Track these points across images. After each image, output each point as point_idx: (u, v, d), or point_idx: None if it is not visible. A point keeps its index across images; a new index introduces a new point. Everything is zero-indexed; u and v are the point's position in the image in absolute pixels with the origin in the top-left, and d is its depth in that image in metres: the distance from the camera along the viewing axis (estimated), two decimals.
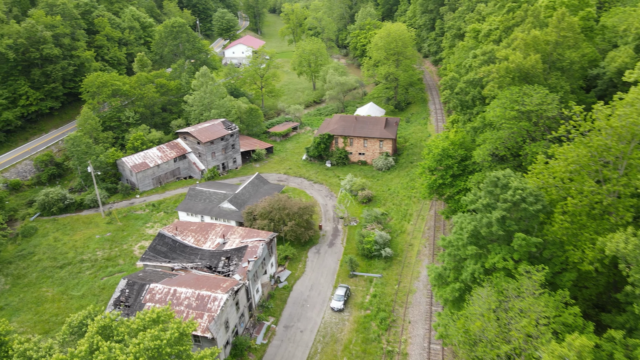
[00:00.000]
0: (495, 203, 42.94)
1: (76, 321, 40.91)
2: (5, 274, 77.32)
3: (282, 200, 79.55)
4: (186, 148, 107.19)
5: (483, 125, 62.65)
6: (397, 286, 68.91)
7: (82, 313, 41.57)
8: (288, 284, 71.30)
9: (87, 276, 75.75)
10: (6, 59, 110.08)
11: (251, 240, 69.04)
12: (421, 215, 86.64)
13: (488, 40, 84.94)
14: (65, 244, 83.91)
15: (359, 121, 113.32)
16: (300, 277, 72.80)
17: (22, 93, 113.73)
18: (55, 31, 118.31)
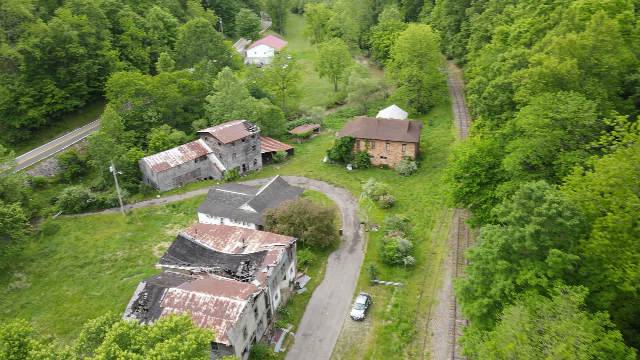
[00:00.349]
0: (528, 216, 40.80)
1: (94, 327, 40.30)
2: (27, 271, 77.89)
3: (303, 204, 78.30)
4: (207, 149, 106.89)
5: (513, 132, 60.25)
6: (420, 296, 66.96)
7: (100, 319, 40.95)
8: (307, 290, 70.00)
9: (107, 276, 75.74)
10: (33, 57, 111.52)
11: (271, 245, 67.93)
12: (444, 222, 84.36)
13: (518, 44, 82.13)
14: (86, 242, 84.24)
15: (381, 124, 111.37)
16: (320, 284, 71.41)
17: (48, 91, 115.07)
18: (81, 30, 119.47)
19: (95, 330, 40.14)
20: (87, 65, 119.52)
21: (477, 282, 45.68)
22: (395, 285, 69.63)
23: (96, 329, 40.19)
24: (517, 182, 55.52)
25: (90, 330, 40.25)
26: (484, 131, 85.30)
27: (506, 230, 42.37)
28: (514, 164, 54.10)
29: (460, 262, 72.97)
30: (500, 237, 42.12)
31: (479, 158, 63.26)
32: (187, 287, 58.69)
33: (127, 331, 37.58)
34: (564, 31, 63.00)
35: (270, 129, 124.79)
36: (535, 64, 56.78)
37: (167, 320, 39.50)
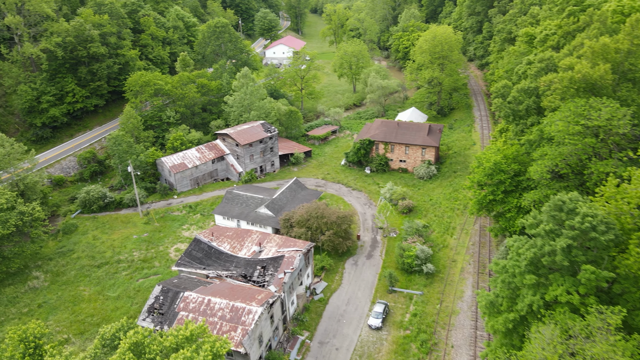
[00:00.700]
0: (559, 229, 38.86)
1: (109, 333, 39.65)
2: (45, 270, 78.19)
3: (321, 209, 77.08)
4: (224, 150, 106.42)
5: (540, 139, 58.05)
6: (439, 306, 65.14)
7: (114, 325, 40.29)
8: (324, 296, 68.74)
9: (123, 277, 75.55)
10: (55, 56, 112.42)
11: (288, 249, 66.84)
12: (465, 229, 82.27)
13: (545, 46, 79.61)
14: (103, 242, 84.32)
15: (400, 127, 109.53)
16: (337, 290, 70.08)
17: (69, 90, 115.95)
18: (102, 30, 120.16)
19: (109, 337, 39.49)
20: (107, 64, 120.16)
21: (502, 295, 43.84)
22: (414, 293, 67.92)
23: (111, 336, 39.54)
24: (544, 190, 53.41)
25: (105, 336, 39.62)
26: (508, 136, 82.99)
27: (535, 243, 40.48)
28: (542, 172, 52.00)
29: (481, 272, 70.93)
30: (529, 250, 40.25)
31: (503, 165, 61.19)
32: (202, 291, 57.93)
33: (142, 339, 36.79)
34: (595, 34, 60.53)
35: (288, 130, 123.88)
36: (566, 69, 54.55)
37: (182, 328, 38.64)
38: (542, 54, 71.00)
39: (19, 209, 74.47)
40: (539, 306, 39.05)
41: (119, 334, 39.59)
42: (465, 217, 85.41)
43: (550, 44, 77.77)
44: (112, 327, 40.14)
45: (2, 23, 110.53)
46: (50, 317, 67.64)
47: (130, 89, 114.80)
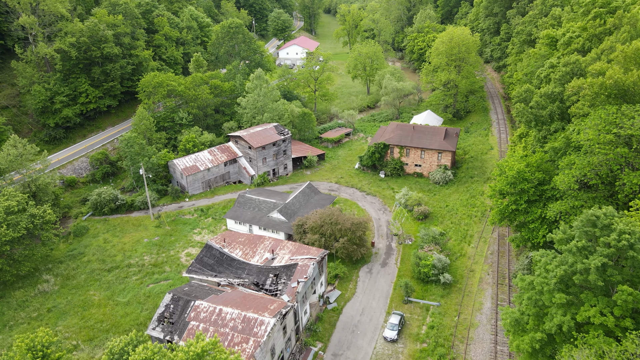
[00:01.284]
0: (592, 246, 36.53)
1: (117, 347, 38.19)
2: (56, 273, 77.39)
3: (335, 215, 75.22)
4: (237, 152, 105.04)
5: (567, 146, 55.55)
6: (457, 318, 62.85)
7: (123, 339, 38.86)
8: (337, 305, 66.85)
9: (134, 282, 74.43)
10: (69, 57, 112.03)
11: (301, 257, 65.06)
12: (483, 237, 79.79)
13: (568, 49, 76.83)
14: (114, 246, 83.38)
15: (416, 131, 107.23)
16: (351, 299, 68.15)
17: (82, 91, 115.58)
18: (116, 30, 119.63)
19: (118, 351, 38.06)
20: (121, 65, 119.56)
21: (528, 313, 41.57)
22: (430, 304, 65.73)
23: (119, 350, 38.10)
24: (571, 201, 50.94)
25: (113, 350, 38.20)
26: (528, 141, 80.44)
27: (565, 259, 38.17)
28: (569, 182, 49.56)
29: (501, 283, 68.45)
30: (558, 267, 37.95)
31: (527, 174, 58.73)
32: (214, 300, 56.37)
33: (152, 356, 35.27)
34: (625, 38, 57.86)
35: (301, 133, 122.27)
36: (596, 74, 52.01)
37: (193, 343, 37.04)
38: (566, 57, 68.35)
39: (30, 211, 73.74)
40: (569, 327, 36.75)
41: (127, 349, 38.11)
42: (484, 224, 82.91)
43: (574, 47, 75.00)
44: (121, 341, 38.71)
45: (16, 23, 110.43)
46: (60, 322, 66.64)
47: (143, 90, 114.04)
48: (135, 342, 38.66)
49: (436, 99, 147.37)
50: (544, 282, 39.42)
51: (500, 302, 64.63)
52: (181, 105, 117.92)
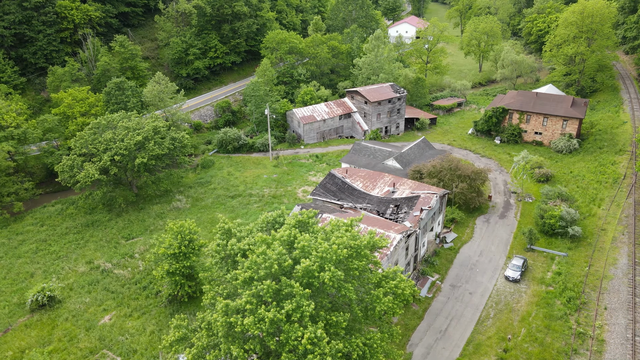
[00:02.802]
0: None
1: (271, 217, 41.41)
2: (187, 195, 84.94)
3: (454, 161, 74.36)
4: (352, 107, 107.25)
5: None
6: (587, 269, 59.39)
7: (274, 213, 41.98)
8: (454, 246, 66.23)
9: (255, 209, 79.41)
10: (204, 13, 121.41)
11: (422, 192, 65.30)
12: (615, 201, 74.21)
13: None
14: (237, 178, 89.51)
15: (539, 97, 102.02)
16: (468, 242, 67.16)
17: (212, 46, 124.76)
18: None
19: (271, 221, 41.25)
20: (247, 23, 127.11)
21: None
22: (557, 254, 62.71)
23: (272, 220, 41.28)
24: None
25: (267, 219, 41.46)
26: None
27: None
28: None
29: (639, 243, 63.37)
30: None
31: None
32: (340, 215, 58.64)
33: (306, 219, 37.86)
34: None
35: (414, 98, 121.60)
36: None
37: (341, 219, 39.11)
38: None
39: (172, 134, 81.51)
40: None
41: (280, 219, 41.18)
42: (616, 190, 77.09)
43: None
44: (274, 214, 41.84)
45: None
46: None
47: (267, 47, 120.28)
48: (286, 214, 41.62)
49: (558, 74, 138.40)
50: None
51: (639, 260, 59.95)
52: (300, 63, 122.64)
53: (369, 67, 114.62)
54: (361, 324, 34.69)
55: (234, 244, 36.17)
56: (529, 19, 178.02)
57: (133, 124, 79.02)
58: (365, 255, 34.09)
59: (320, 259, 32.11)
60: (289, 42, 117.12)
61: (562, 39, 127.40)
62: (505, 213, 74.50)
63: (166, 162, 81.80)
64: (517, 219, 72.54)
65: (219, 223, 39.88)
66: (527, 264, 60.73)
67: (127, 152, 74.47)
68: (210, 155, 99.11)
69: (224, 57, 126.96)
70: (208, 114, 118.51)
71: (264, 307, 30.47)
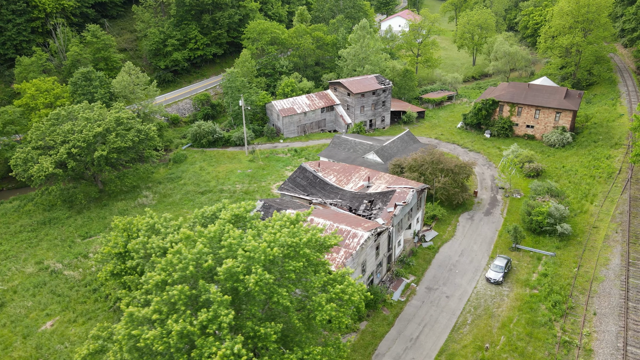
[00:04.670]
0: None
1: (209, 211, 36.45)
2: (154, 191, 79.98)
3: (437, 154, 69.30)
4: (335, 100, 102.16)
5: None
6: (577, 270, 54.30)
7: (216, 205, 37.02)
8: (434, 245, 61.12)
9: None
10: (183, 2, 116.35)
11: (399, 186, 60.23)
12: (609, 197, 69.08)
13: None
14: (209, 173, 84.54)
15: (532, 89, 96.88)
16: (449, 241, 62.07)
17: (192, 37, 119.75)
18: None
19: (209, 215, 36.32)
20: (229, 14, 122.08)
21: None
22: (544, 254, 57.62)
23: (211, 214, 36.34)
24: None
25: (205, 214, 36.54)
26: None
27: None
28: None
29: (633, 242, 58.23)
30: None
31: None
32: None
33: (244, 213, 32.91)
34: None
35: (402, 91, 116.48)
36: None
37: (287, 214, 34.13)
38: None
39: (137, 126, 76.50)
40: None
41: (219, 214, 36.20)
42: (610, 185, 71.95)
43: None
44: (214, 207, 36.89)
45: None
46: None
47: (248, 37, 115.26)
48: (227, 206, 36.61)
49: (554, 67, 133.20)
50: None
51: (632, 260, 54.83)
52: (282, 54, 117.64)
53: (354, 58, 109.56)
54: (302, 335, 29.64)
55: (154, 241, 31.15)
56: (525, 12, 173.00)
57: (95, 114, 74.09)
58: (305, 255, 29.03)
59: (247, 259, 27.09)
60: (270, 33, 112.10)
61: (557, 30, 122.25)
62: (491, 210, 69.43)
63: (131, 155, 76.81)
64: (503, 216, 67.47)
65: (145, 217, 34.87)
66: (510, 265, 55.67)
67: (86, 145, 69.47)
68: (184, 149, 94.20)
69: (205, 49, 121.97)
70: (187, 107, 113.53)
71: (175, 316, 25.45)
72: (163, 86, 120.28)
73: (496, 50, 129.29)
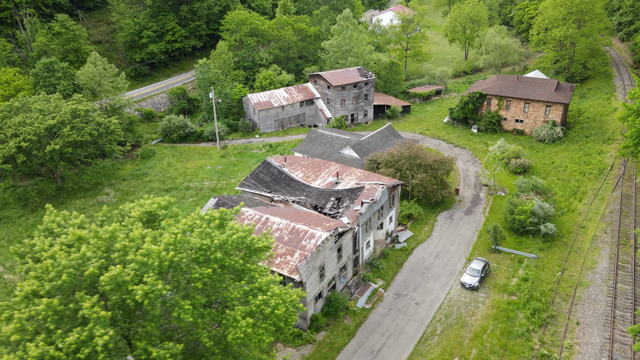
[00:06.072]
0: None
1: (127, 208, 31.65)
2: (117, 188, 75.23)
3: (414, 148, 64.40)
4: (315, 93, 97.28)
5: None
6: (560, 274, 49.46)
7: (137, 202, 32.19)
8: (407, 246, 56.26)
9: (189, 203, 69.68)
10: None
11: (369, 183, 55.41)
12: (599, 194, 64.26)
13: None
14: (176, 169, 79.76)
15: (521, 81, 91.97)
16: (425, 242, 57.20)
17: (169, 29, 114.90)
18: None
19: (127, 212, 31.53)
20: (208, 4, 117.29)
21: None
22: (525, 256, 52.79)
23: (127, 211, 31.55)
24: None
25: (122, 212, 31.77)
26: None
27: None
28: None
29: (623, 243, 53.40)
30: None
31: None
32: (262, 210, 48.86)
33: (156, 210, 28.14)
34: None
35: (388, 85, 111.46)
36: None
37: (210, 211, 29.33)
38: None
39: (96, 119, 71.69)
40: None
41: None
42: (601, 182, 67.11)
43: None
44: (135, 204, 32.05)
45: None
46: None
47: (227, 29, 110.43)
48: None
49: (547, 60, 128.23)
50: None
51: (622, 263, 50.01)
52: (263, 46, 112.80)
53: (337, 50, 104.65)
54: (216, 356, 24.80)
55: (37, 244, 26.32)
56: (520, 6, 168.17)
57: (51, 106, 69.28)
58: (217, 259, 24.20)
59: (140, 266, 22.27)
60: (250, 24, 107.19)
61: (550, 22, 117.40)
62: (472, 208, 64.57)
63: (90, 150, 72.01)
64: (485, 215, 62.61)
65: (45, 216, 30.09)
66: (488, 268, 50.82)
67: (37, 138, 64.63)
68: (153, 144, 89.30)
69: (183, 41, 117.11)
70: (162, 102, 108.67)
71: (43, 336, 20.65)
72: (139, 80, 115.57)
73: (487, 43, 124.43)
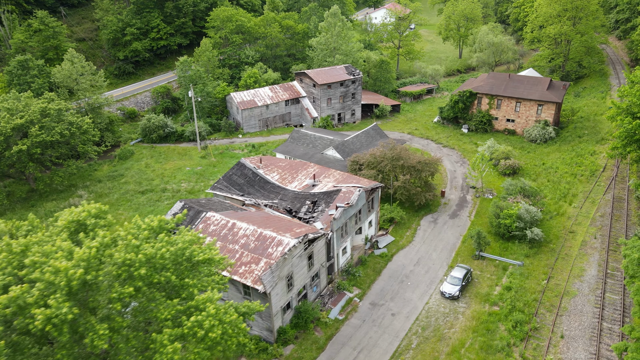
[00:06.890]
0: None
1: (63, 217, 28.87)
2: (91, 190, 72.48)
3: (398, 149, 61.64)
4: (301, 92, 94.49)
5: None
6: (546, 282, 46.71)
7: (70, 209, 29.52)
8: (387, 252, 53.50)
9: (164, 205, 66.92)
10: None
11: (347, 185, 52.64)
12: (590, 197, 61.48)
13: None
14: (154, 171, 76.98)
15: (512, 79, 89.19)
16: (406, 247, 54.45)
17: (154, 26, 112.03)
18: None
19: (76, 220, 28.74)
20: (194, 1, 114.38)
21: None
22: (510, 263, 50.05)
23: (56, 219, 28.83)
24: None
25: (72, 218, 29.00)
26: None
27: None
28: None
29: (613, 250, 50.64)
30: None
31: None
32: (229, 215, 46.07)
33: (84, 219, 25.40)
34: None
35: (377, 84, 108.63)
36: None
37: (148, 219, 26.59)
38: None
39: (68, 119, 68.91)
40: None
41: None
42: (592, 184, 64.33)
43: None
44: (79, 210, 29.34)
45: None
46: None
47: (213, 26, 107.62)
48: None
49: (541, 59, 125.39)
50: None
51: (611, 270, 47.24)
52: (250, 44, 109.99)
53: (325, 47, 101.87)
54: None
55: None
56: (516, 4, 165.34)
57: (21, 105, 66.52)
58: (141, 276, 21.44)
59: (47, 285, 19.51)
60: (235, 21, 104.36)
61: (545, 19, 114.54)
62: (458, 212, 61.81)
63: (61, 151, 69.22)
64: (470, 219, 59.86)
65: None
66: (470, 276, 48.07)
67: (3, 138, 61.86)
68: (132, 144, 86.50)
69: (169, 39, 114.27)
70: (146, 100, 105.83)
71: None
72: (123, 78, 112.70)
73: (480, 41, 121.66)
